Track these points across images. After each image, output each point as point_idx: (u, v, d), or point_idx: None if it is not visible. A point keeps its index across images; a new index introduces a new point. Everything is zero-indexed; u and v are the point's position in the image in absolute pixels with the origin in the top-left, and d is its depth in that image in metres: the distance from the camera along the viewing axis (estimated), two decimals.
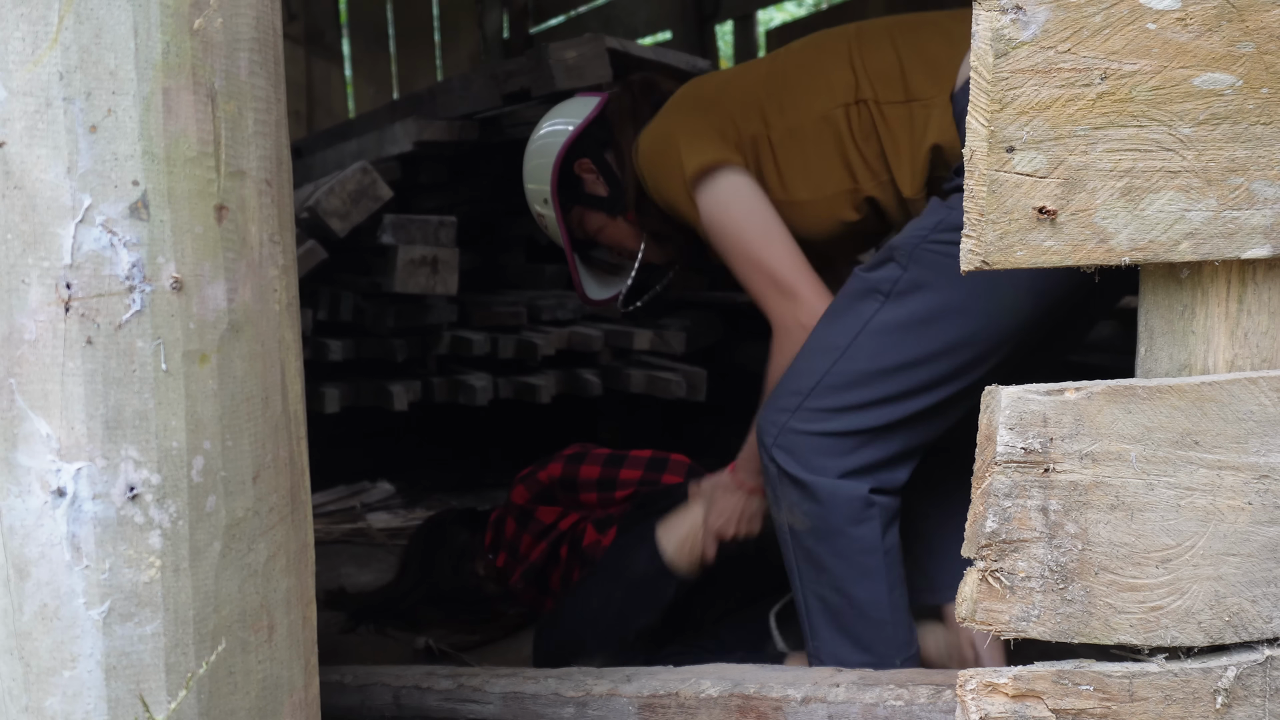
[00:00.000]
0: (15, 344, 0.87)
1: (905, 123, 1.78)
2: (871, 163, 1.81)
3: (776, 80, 1.89)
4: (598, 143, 2.07)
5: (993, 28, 0.98)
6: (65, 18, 0.85)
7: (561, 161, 2.06)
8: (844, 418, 1.64)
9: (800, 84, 1.87)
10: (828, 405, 1.65)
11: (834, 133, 1.82)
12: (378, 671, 1.73)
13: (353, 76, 5.82)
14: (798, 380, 1.69)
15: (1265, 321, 1.07)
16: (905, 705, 1.41)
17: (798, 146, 1.84)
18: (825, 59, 1.87)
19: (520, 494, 2.36)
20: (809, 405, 1.66)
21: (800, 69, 1.89)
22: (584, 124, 2.08)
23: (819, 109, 1.83)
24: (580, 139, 2.07)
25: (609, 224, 2.10)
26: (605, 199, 2.08)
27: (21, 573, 0.89)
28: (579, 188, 2.11)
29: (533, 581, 2.27)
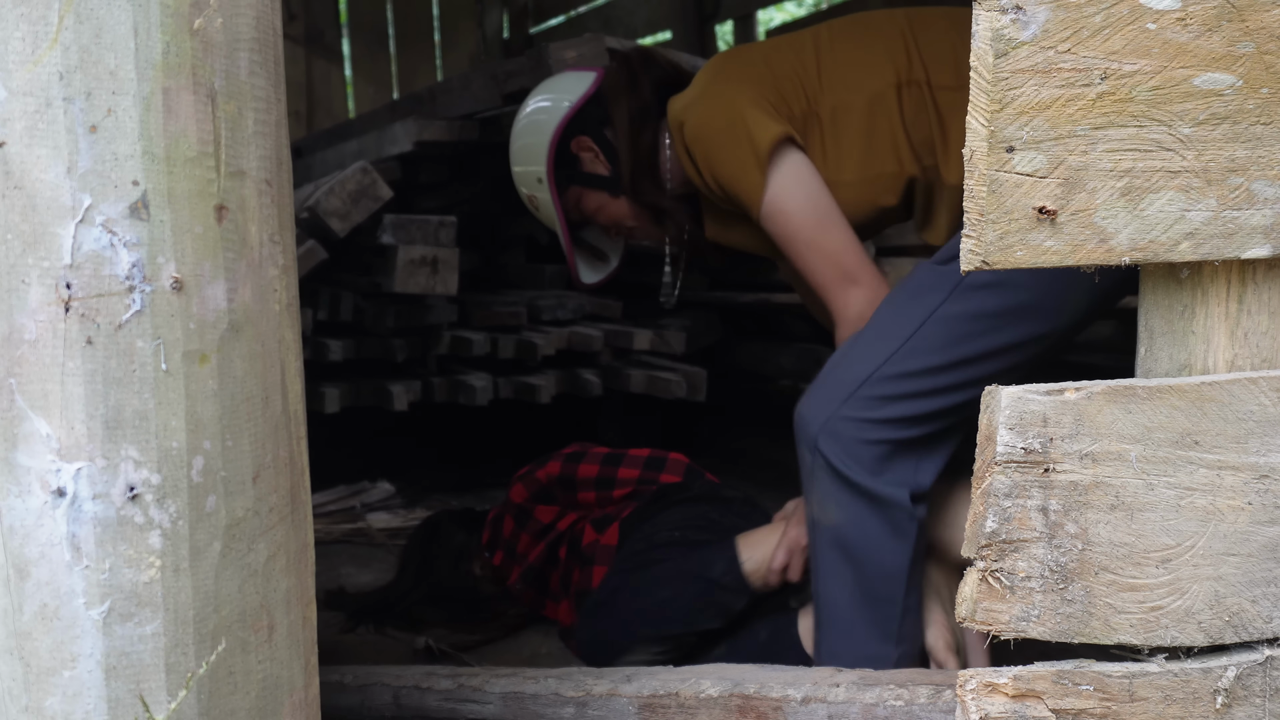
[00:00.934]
0: (15, 344, 0.87)
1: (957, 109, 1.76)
2: (918, 146, 1.79)
3: (825, 55, 1.85)
4: (595, 119, 2.00)
5: (993, 28, 0.98)
6: (65, 18, 0.85)
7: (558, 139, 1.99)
8: (898, 405, 1.62)
9: (851, 60, 1.83)
10: (883, 393, 1.63)
11: (885, 112, 1.79)
12: (378, 671, 1.73)
13: (353, 76, 5.82)
14: (851, 368, 1.66)
15: (1265, 321, 1.07)
16: (905, 705, 1.41)
17: (848, 124, 1.81)
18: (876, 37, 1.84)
19: (518, 492, 2.36)
20: (863, 393, 1.63)
21: (851, 45, 1.85)
22: (582, 99, 2.00)
23: (871, 87, 1.80)
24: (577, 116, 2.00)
25: (609, 203, 2.04)
26: (607, 178, 2.01)
27: (21, 573, 0.89)
28: (576, 166, 2.04)
29: (531, 583, 2.27)
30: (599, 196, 2.03)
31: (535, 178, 2.05)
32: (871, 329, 1.69)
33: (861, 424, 1.63)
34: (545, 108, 2.05)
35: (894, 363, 1.63)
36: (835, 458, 1.64)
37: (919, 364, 1.62)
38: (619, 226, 2.08)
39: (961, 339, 1.61)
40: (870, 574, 1.67)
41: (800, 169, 1.78)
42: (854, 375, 1.65)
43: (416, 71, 5.80)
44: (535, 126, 2.04)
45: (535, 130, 2.04)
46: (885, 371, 1.63)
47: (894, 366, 1.63)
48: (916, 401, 1.63)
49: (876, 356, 1.64)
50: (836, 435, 1.64)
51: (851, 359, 1.67)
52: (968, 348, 1.60)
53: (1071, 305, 1.60)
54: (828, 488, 1.66)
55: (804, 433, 1.69)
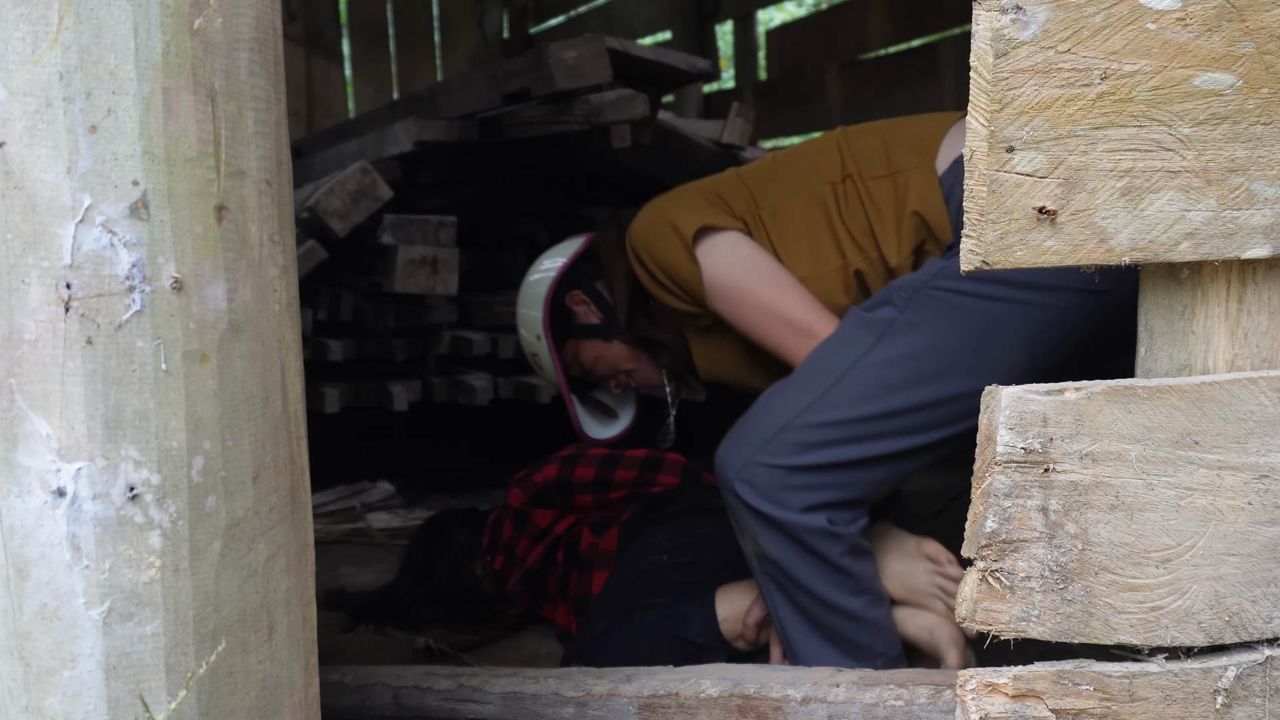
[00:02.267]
0: (15, 344, 0.87)
1: (889, 194, 1.81)
2: (859, 238, 1.83)
3: (765, 169, 1.94)
4: (587, 275, 2.11)
5: (993, 28, 0.98)
6: (65, 18, 0.85)
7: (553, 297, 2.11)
8: (816, 452, 1.63)
9: (788, 169, 1.92)
10: (802, 440, 1.63)
11: (822, 209, 1.85)
12: (378, 671, 1.73)
13: (353, 76, 5.82)
14: (771, 415, 1.66)
15: (1265, 321, 1.07)
16: (905, 705, 1.41)
17: (789, 224, 1.86)
18: (811, 149, 1.93)
19: (516, 496, 2.35)
20: (783, 439, 1.64)
21: (788, 158, 1.95)
22: (572, 257, 2.12)
23: (807, 187, 1.87)
24: (570, 273, 2.11)
25: (604, 349, 2.12)
26: (599, 325, 2.11)
27: (21, 573, 0.89)
28: (570, 320, 2.14)
29: (530, 586, 2.27)
30: (594, 345, 2.12)
31: (534, 337, 2.17)
32: (795, 376, 1.70)
33: (777, 470, 1.63)
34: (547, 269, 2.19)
35: (813, 411, 1.63)
36: (753, 500, 1.64)
37: (838, 414, 1.62)
38: (619, 373, 2.15)
39: (883, 391, 1.61)
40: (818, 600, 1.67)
41: (729, 243, 1.83)
42: (773, 422, 1.66)
43: (416, 71, 5.80)
44: (530, 292, 2.19)
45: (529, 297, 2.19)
46: (804, 420, 1.64)
47: (813, 415, 1.63)
48: (833, 449, 1.63)
49: (796, 404, 1.65)
50: (753, 481, 1.65)
51: (772, 406, 1.68)
52: (887, 401, 1.61)
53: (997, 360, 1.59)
54: (756, 526, 1.66)
55: (722, 476, 1.69)
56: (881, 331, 1.63)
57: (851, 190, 1.84)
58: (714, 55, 5.53)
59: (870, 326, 1.65)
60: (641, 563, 2.02)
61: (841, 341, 1.67)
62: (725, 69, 6.60)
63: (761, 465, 1.64)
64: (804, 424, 1.64)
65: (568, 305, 2.12)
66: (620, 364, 2.13)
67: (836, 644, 1.69)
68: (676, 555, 2.03)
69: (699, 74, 2.98)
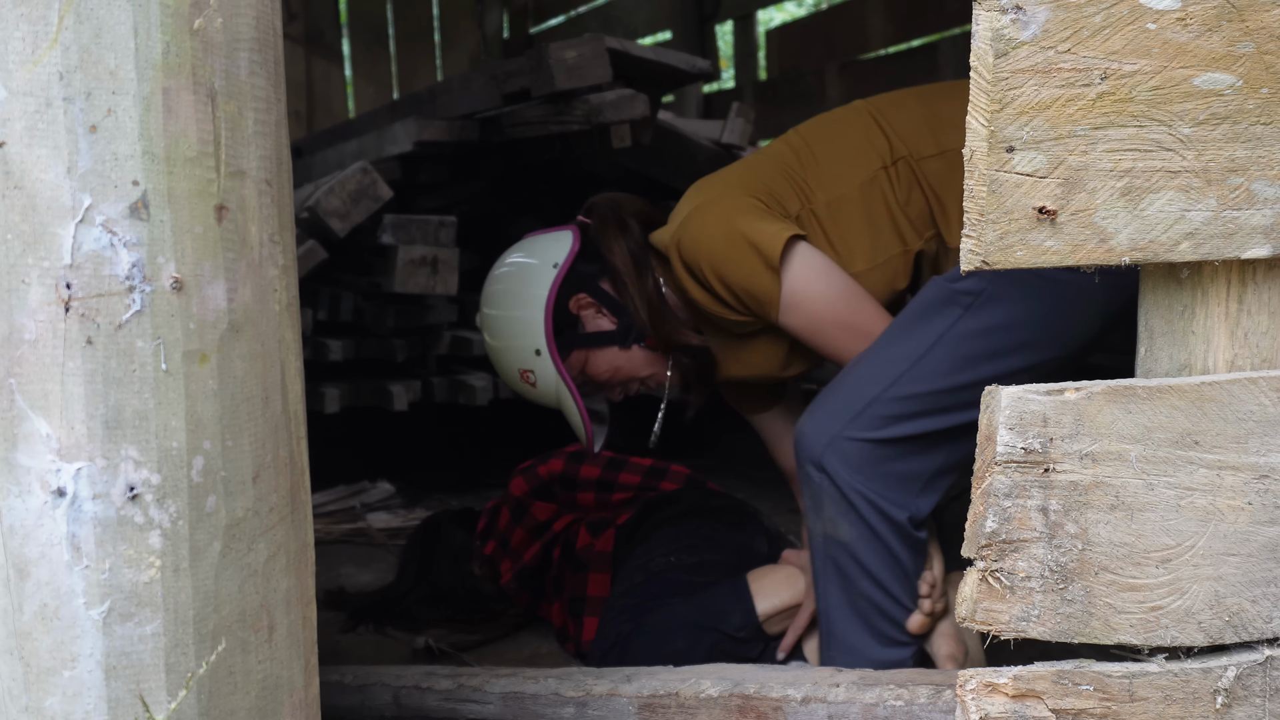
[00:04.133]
0: (15, 344, 0.87)
1: (943, 173, 1.77)
2: (917, 221, 1.79)
3: (805, 157, 1.84)
4: (586, 275, 1.92)
5: (993, 28, 0.98)
6: (65, 18, 0.85)
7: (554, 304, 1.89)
8: (904, 424, 1.63)
9: (830, 152, 1.83)
10: (891, 413, 1.63)
11: (880, 196, 1.79)
12: (378, 671, 1.73)
13: (353, 76, 5.82)
14: (859, 389, 1.65)
15: (1265, 321, 1.07)
16: (905, 705, 1.41)
17: (847, 215, 1.80)
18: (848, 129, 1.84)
19: (518, 485, 2.35)
20: (871, 412, 1.63)
21: (826, 143, 1.84)
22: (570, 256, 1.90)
23: (859, 175, 1.80)
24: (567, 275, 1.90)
25: (621, 358, 1.93)
26: (614, 331, 1.92)
27: (21, 573, 0.89)
28: (576, 329, 1.92)
29: (526, 583, 2.27)
30: (608, 354, 1.93)
31: (530, 351, 1.91)
32: (880, 350, 1.68)
33: (867, 444, 1.63)
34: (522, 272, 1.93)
35: (902, 384, 1.63)
36: (840, 478, 1.64)
37: (927, 386, 1.62)
38: (630, 381, 1.98)
39: (971, 362, 1.60)
40: (875, 589, 1.67)
41: (810, 257, 1.75)
42: (861, 395, 1.65)
43: (416, 71, 5.80)
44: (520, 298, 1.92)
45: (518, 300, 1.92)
46: (893, 393, 1.63)
47: (902, 388, 1.63)
48: (921, 420, 1.63)
49: (885, 377, 1.64)
50: (842, 455, 1.64)
51: (858, 379, 1.67)
52: (976, 372, 1.60)
53: (1080, 324, 1.59)
54: (838, 506, 1.65)
55: (808, 451, 1.68)
56: (969, 303, 1.61)
57: (905, 172, 1.79)
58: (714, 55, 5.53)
59: (957, 298, 1.62)
60: (650, 565, 2.02)
61: (928, 313, 1.65)
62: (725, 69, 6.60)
63: (850, 439, 1.64)
64: (892, 397, 1.63)
65: (572, 311, 1.92)
66: (638, 372, 1.96)
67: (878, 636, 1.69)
68: (683, 557, 2.03)
69: (699, 74, 2.98)
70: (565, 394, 1.92)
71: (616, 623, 1.94)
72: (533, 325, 1.90)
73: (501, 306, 1.96)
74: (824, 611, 1.73)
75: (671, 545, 2.05)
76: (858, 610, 1.69)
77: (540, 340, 1.89)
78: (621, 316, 1.91)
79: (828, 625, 1.72)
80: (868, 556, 1.66)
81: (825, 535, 1.69)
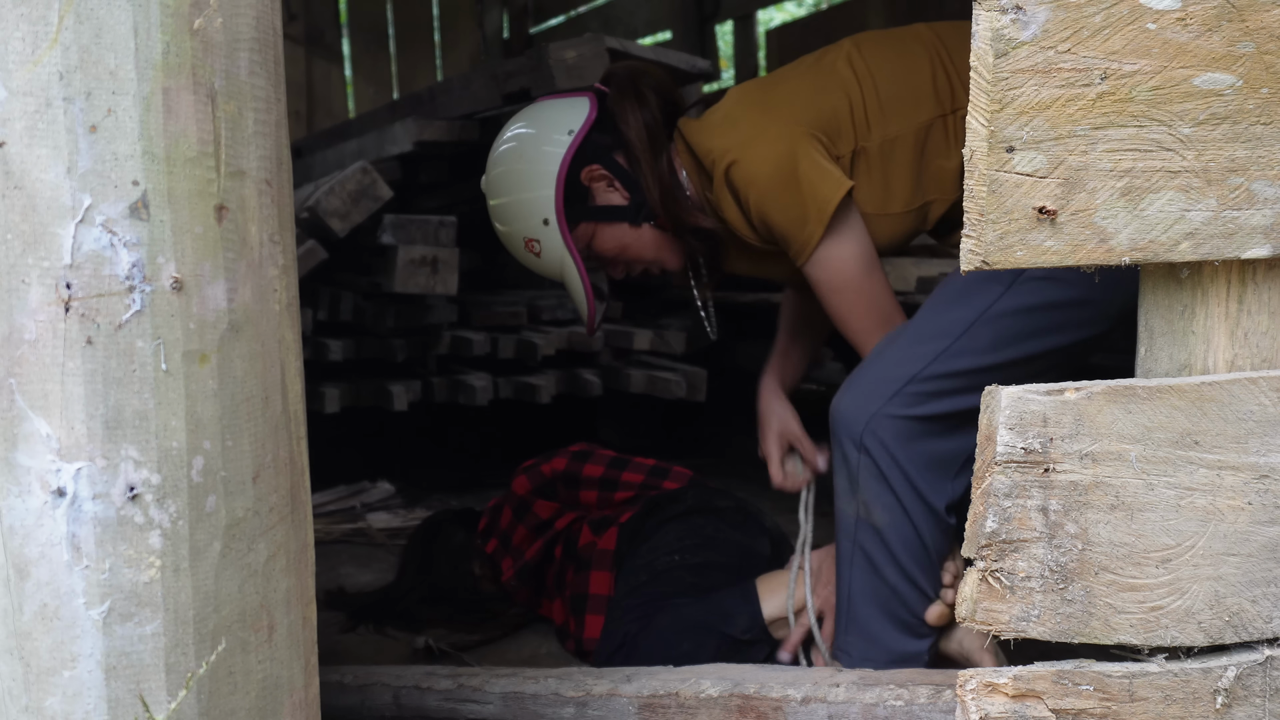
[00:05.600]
0: (15, 344, 0.87)
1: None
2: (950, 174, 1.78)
3: (867, 88, 1.79)
4: (602, 146, 1.85)
5: (993, 28, 0.98)
6: (65, 18, 0.85)
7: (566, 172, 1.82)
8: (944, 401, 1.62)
9: (894, 93, 1.78)
10: (931, 390, 1.61)
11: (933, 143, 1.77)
12: (378, 671, 1.73)
13: (353, 76, 5.82)
14: (898, 366, 1.64)
15: (1265, 321, 1.07)
16: (905, 705, 1.41)
17: (899, 158, 1.78)
18: (915, 65, 1.80)
19: (521, 484, 2.36)
20: (911, 390, 1.62)
21: (890, 77, 1.79)
22: (586, 124, 1.83)
23: (918, 119, 1.77)
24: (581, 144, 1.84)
25: (629, 236, 1.88)
26: (626, 207, 1.86)
27: (21, 573, 0.89)
28: (587, 200, 1.86)
29: (527, 580, 2.27)
30: (617, 230, 1.88)
31: (538, 220, 1.85)
32: (917, 326, 1.67)
33: (908, 421, 1.62)
34: (531, 137, 1.87)
35: (943, 361, 1.61)
36: (881, 457, 1.63)
37: (968, 363, 1.60)
38: (636, 261, 1.93)
39: (1012, 339, 1.60)
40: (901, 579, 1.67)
41: (856, 222, 1.75)
42: (900, 373, 1.63)
43: (416, 71, 5.80)
44: (524, 160, 1.86)
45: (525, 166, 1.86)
46: (934, 369, 1.62)
47: (943, 365, 1.61)
48: (961, 398, 1.61)
49: (925, 354, 1.63)
50: (883, 432, 1.63)
51: (895, 357, 1.66)
52: (1017, 349, 1.59)
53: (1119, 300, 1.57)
54: (875, 487, 1.64)
55: (847, 429, 1.66)
56: (1010, 280, 1.60)
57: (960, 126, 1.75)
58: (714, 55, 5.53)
59: (998, 276, 1.60)
60: (655, 564, 2.02)
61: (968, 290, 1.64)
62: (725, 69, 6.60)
63: (891, 417, 1.63)
64: (933, 374, 1.62)
65: (583, 182, 1.84)
66: (645, 252, 1.89)
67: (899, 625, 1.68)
68: (687, 556, 2.03)
69: (699, 74, 2.98)
70: (569, 266, 1.87)
71: (623, 622, 1.94)
72: (541, 194, 1.83)
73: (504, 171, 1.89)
74: (845, 597, 1.71)
75: (675, 544, 2.05)
76: (880, 599, 1.68)
77: (549, 209, 1.83)
78: (634, 192, 1.85)
79: (848, 611, 1.71)
80: (898, 543, 1.65)
81: (857, 518, 1.68)
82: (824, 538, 1.96)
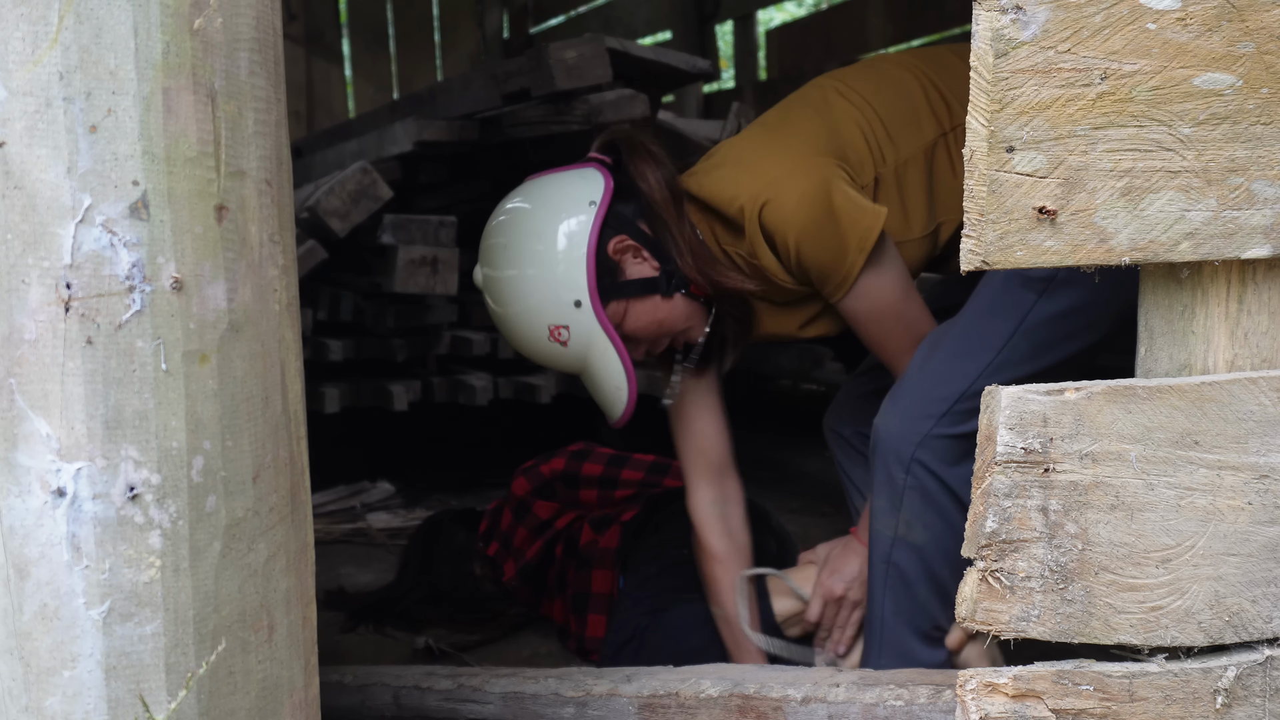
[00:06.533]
0: (15, 344, 0.87)
1: None
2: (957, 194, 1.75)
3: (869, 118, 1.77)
4: (623, 216, 1.72)
5: (993, 28, 0.98)
6: (65, 18, 0.85)
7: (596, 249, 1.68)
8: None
9: (894, 118, 1.77)
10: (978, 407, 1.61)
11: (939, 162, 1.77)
12: (378, 671, 1.73)
13: (353, 76, 5.82)
14: (944, 384, 1.63)
15: (1265, 321, 1.07)
16: (905, 705, 1.41)
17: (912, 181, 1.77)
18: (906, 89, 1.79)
19: (521, 485, 2.36)
20: (961, 408, 1.60)
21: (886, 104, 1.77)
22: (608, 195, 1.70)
23: (923, 140, 1.77)
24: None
25: (663, 309, 1.74)
26: (658, 278, 1.73)
27: (21, 573, 0.89)
28: (615, 276, 1.71)
29: (528, 580, 2.27)
30: (650, 304, 1.74)
31: (567, 303, 1.68)
32: (955, 340, 1.65)
33: (955, 440, 1.61)
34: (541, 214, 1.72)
35: (988, 376, 1.60)
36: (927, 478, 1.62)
37: (1011, 375, 1.58)
38: (667, 336, 1.79)
39: (1048, 347, 1.59)
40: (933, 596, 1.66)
41: (891, 248, 1.72)
42: (947, 392, 1.62)
43: (416, 71, 5.81)
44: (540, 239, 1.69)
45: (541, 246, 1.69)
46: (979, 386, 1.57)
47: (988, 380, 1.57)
48: None
49: (969, 371, 1.61)
50: (937, 453, 1.62)
51: (939, 374, 1.64)
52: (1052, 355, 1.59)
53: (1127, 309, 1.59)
54: (919, 508, 1.63)
55: (894, 450, 1.64)
56: (1043, 288, 1.58)
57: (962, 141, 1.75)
58: (714, 55, 5.54)
59: (1029, 283, 1.59)
60: (664, 557, 2.03)
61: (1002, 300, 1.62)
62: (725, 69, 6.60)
63: (942, 437, 1.62)
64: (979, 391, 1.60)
65: (610, 256, 1.70)
66: (676, 325, 1.77)
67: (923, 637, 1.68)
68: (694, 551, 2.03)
69: (699, 74, 2.98)
70: (601, 352, 1.72)
71: (633, 615, 1.94)
72: (569, 274, 1.67)
73: (517, 265, 1.70)
74: (878, 619, 1.70)
75: (684, 538, 2.05)
76: (908, 615, 1.68)
77: (582, 291, 1.67)
78: (664, 261, 1.72)
79: (879, 630, 1.71)
80: (937, 558, 1.64)
81: (894, 538, 1.66)
82: (823, 535, 1.96)
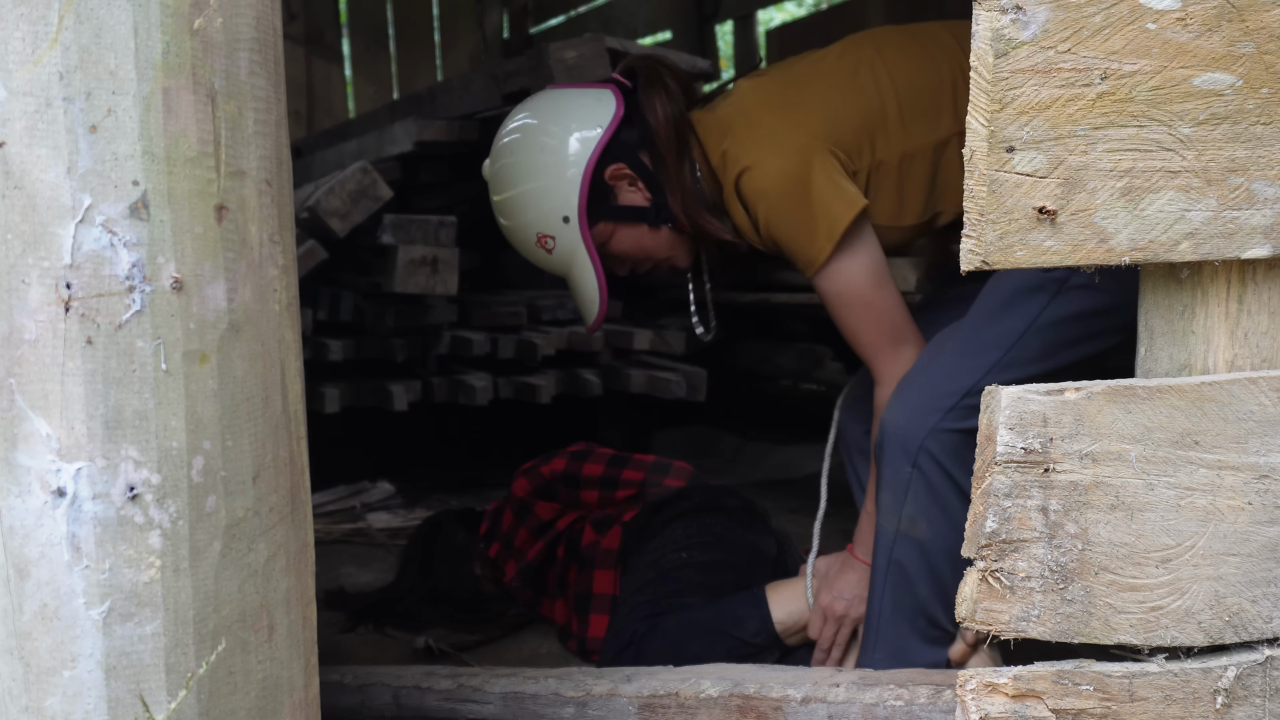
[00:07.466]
0: (15, 344, 0.87)
1: None
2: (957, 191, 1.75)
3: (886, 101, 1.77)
4: (627, 144, 1.81)
5: (993, 28, 0.98)
6: (65, 18, 0.85)
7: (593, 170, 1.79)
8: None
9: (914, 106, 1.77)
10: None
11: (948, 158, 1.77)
12: (378, 671, 1.73)
13: (353, 76, 5.82)
14: (952, 379, 1.63)
15: (1265, 321, 1.07)
16: (905, 705, 1.41)
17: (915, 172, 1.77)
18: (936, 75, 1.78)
19: (521, 486, 2.36)
20: (968, 403, 1.60)
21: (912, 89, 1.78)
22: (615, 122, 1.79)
23: (936, 134, 1.77)
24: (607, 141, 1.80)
25: (647, 237, 1.85)
26: (647, 209, 1.83)
27: (21, 573, 0.89)
28: (609, 199, 1.83)
29: (529, 581, 2.27)
30: (636, 231, 1.85)
31: (556, 217, 1.82)
32: (966, 337, 1.66)
33: (962, 435, 1.61)
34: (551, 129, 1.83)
35: (996, 373, 1.61)
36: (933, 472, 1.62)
37: (1020, 373, 1.59)
38: (649, 260, 1.90)
39: (1059, 347, 1.59)
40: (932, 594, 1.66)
41: (867, 237, 1.73)
42: (955, 387, 1.63)
43: (416, 71, 5.80)
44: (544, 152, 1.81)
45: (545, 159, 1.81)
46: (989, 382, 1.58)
47: (996, 376, 1.60)
48: None
49: (978, 366, 1.62)
50: (943, 448, 1.62)
51: (946, 370, 1.65)
52: (1063, 356, 1.59)
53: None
54: (924, 501, 1.64)
55: (901, 444, 1.65)
56: (1056, 289, 1.59)
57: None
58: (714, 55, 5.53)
59: (1043, 284, 1.60)
60: (663, 561, 2.02)
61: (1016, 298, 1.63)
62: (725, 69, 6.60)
63: (949, 431, 1.62)
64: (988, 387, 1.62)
65: (605, 180, 1.81)
66: (659, 253, 1.87)
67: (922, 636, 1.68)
68: (695, 554, 2.03)
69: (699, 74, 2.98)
70: (582, 265, 1.84)
71: (631, 620, 1.94)
72: (563, 190, 1.80)
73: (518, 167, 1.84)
74: (876, 614, 1.71)
75: (683, 541, 2.05)
76: (907, 613, 1.68)
77: (572, 208, 1.80)
78: (656, 194, 1.82)
79: (877, 628, 1.71)
80: (939, 555, 1.64)
81: (897, 533, 1.67)
82: (823, 535, 1.96)
